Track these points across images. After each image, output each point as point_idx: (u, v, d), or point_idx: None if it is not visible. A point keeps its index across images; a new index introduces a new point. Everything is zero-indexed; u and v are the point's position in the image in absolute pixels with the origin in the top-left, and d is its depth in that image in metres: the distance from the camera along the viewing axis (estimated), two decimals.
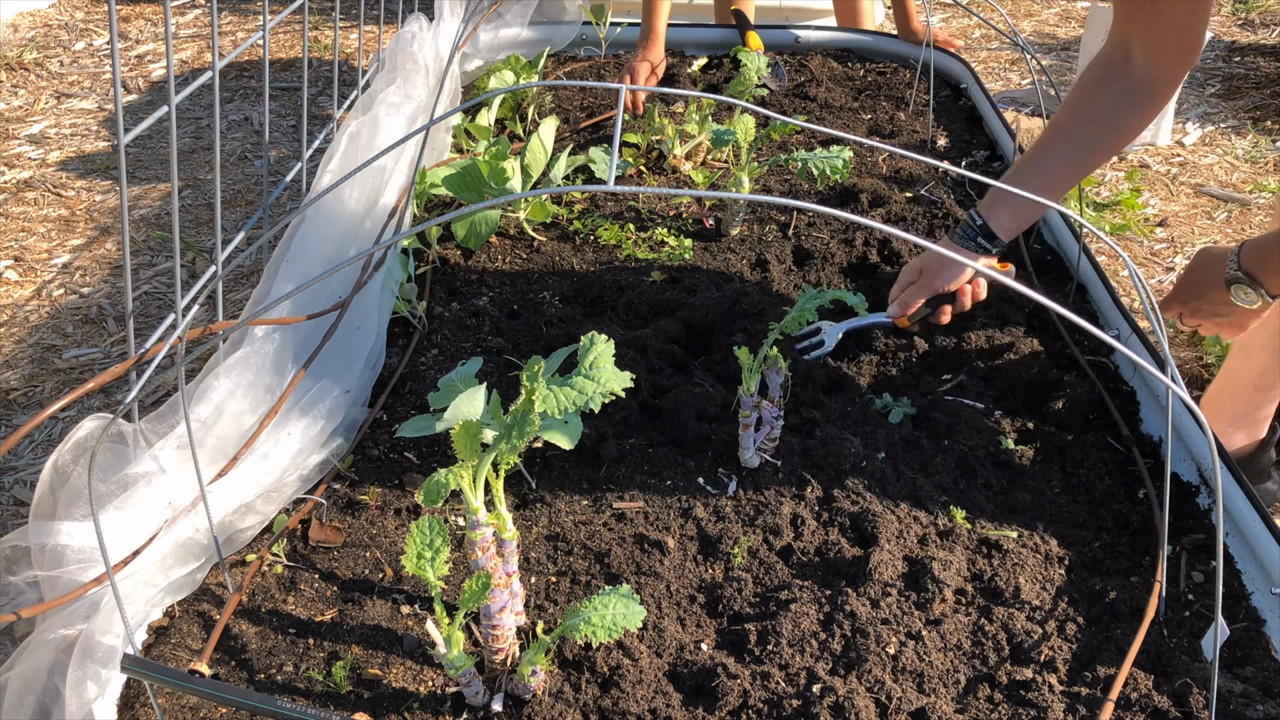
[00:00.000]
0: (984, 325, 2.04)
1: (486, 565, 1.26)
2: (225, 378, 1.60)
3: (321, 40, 4.75)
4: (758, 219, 2.42)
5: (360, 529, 1.61)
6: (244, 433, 1.60)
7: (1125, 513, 1.65)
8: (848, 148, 2.09)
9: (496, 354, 1.98)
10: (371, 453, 1.77)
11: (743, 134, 2.24)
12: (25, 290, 3.06)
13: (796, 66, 3.20)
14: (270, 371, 1.66)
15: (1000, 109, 2.88)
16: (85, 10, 5.05)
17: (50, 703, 1.26)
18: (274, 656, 1.40)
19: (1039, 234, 2.40)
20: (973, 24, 5.09)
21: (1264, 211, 3.58)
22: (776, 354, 1.64)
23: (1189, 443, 1.75)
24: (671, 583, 1.50)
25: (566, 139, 2.79)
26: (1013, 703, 1.34)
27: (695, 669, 1.37)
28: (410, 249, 2.23)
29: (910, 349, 1.99)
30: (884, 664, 1.37)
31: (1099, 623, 1.46)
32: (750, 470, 1.71)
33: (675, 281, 2.20)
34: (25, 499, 2.36)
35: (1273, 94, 4.39)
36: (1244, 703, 1.34)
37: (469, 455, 1.22)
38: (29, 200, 3.53)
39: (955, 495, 1.67)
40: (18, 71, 4.41)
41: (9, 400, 2.63)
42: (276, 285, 1.82)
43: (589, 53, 3.30)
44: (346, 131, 2.23)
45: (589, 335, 1.27)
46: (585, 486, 1.69)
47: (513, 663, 1.35)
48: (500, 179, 2.22)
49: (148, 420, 1.57)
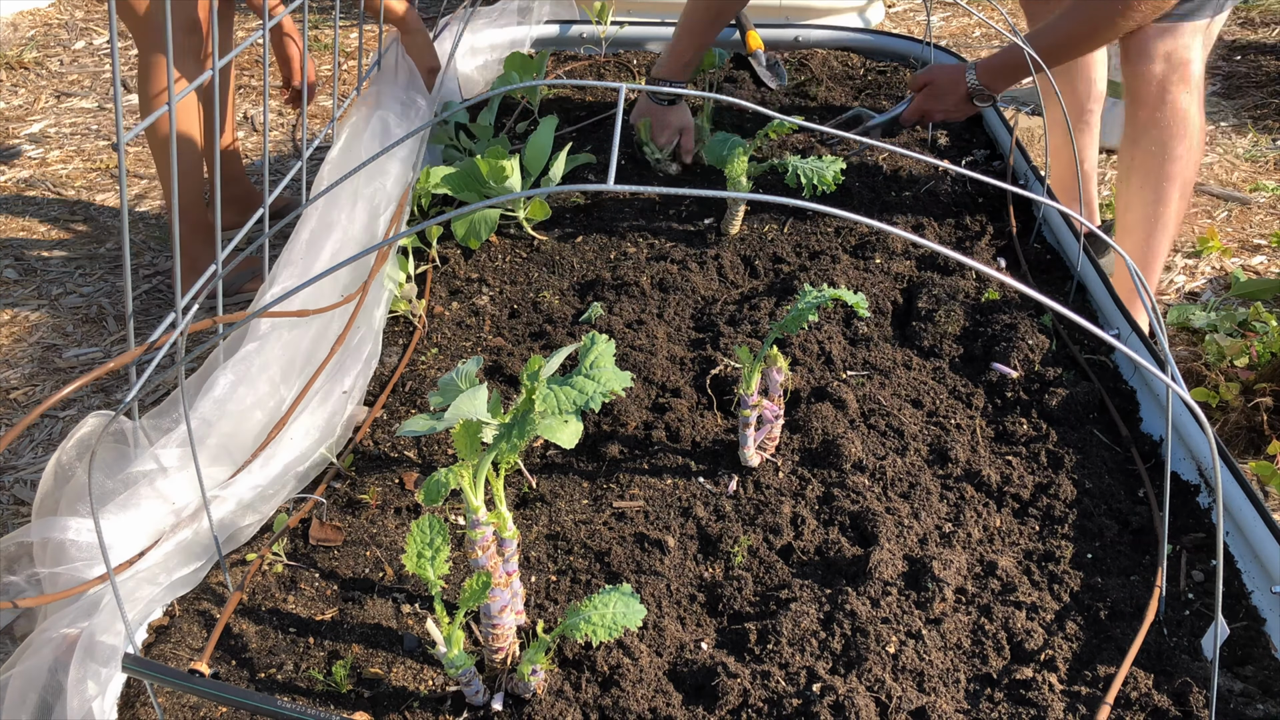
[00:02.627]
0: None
1: (487, 564, 1.26)
2: (229, 373, 1.60)
3: (322, 39, 4.75)
4: (758, 219, 2.42)
5: (360, 528, 1.61)
6: (248, 431, 1.60)
7: (1125, 512, 1.65)
8: (840, 159, 2.09)
9: (496, 353, 1.99)
10: (371, 452, 1.77)
11: (739, 168, 2.25)
12: (25, 290, 3.06)
13: (797, 65, 3.20)
14: (276, 367, 1.67)
15: (1000, 108, 2.88)
16: (85, 9, 5.05)
17: (52, 700, 1.26)
18: (274, 655, 1.41)
19: (1039, 233, 2.40)
20: (973, 23, 5.09)
21: (1264, 210, 3.58)
22: (776, 353, 1.64)
23: (1189, 442, 1.75)
24: (672, 582, 1.51)
25: (566, 138, 2.79)
26: (1013, 702, 1.34)
27: (695, 668, 1.37)
28: (410, 248, 2.23)
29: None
30: (884, 663, 1.37)
31: (1099, 622, 1.46)
32: (750, 469, 1.71)
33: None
34: (25, 498, 2.36)
35: (1273, 93, 4.38)
36: (1244, 702, 1.34)
37: (469, 454, 1.22)
38: (29, 199, 3.53)
39: (955, 495, 1.68)
40: (18, 71, 4.41)
41: (10, 400, 2.63)
42: (281, 281, 1.82)
43: (589, 51, 3.30)
44: (347, 128, 2.23)
45: (589, 335, 1.28)
46: (585, 485, 1.69)
47: (513, 662, 1.35)
48: (499, 178, 2.22)
49: (149, 417, 1.57)
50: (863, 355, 1.98)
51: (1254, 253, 3.37)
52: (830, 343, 1.98)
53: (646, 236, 2.37)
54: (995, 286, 2.16)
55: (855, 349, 2.00)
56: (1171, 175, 2.44)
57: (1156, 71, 2.35)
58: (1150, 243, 2.54)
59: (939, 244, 2.24)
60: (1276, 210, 3.61)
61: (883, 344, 2.01)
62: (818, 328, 2.01)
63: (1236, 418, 2.48)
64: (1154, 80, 2.37)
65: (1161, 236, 2.53)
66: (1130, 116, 2.48)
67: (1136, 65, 2.39)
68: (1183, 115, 2.38)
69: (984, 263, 2.26)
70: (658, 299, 2.13)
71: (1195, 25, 2.34)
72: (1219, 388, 2.52)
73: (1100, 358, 1.98)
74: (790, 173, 2.09)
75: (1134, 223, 2.54)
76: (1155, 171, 2.45)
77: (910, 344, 2.04)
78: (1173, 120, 2.38)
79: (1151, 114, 2.40)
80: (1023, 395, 1.88)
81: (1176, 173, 2.44)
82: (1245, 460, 2.45)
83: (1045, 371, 1.92)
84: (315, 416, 1.69)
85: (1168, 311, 2.95)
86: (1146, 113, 2.41)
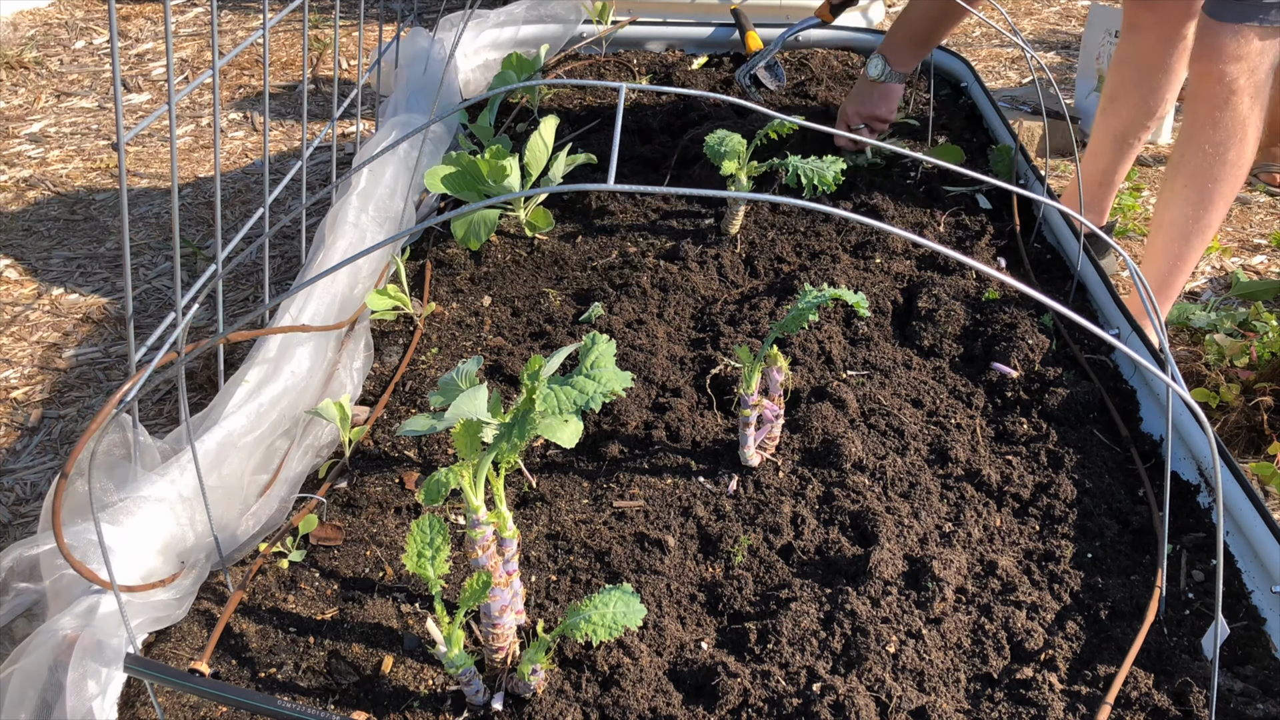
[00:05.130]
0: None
1: (487, 564, 1.26)
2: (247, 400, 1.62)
3: (322, 39, 4.75)
4: (758, 218, 2.41)
5: (361, 528, 1.61)
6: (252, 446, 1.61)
7: (1125, 511, 1.65)
8: (840, 159, 2.09)
9: (496, 353, 1.99)
10: (372, 451, 1.77)
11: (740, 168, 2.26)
12: (25, 289, 3.06)
13: (796, 65, 3.20)
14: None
15: (1000, 107, 2.88)
16: (85, 9, 5.05)
17: (52, 699, 1.26)
18: (275, 655, 1.41)
19: (1039, 232, 2.40)
20: (973, 22, 5.09)
21: (1264, 210, 3.58)
22: (776, 353, 1.64)
23: (1189, 441, 1.75)
24: (672, 581, 1.50)
25: (567, 138, 2.79)
26: (1013, 701, 1.34)
27: (695, 668, 1.37)
28: (410, 247, 2.23)
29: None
30: (884, 663, 1.37)
31: (1099, 621, 1.46)
32: (751, 469, 1.71)
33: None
34: (24, 498, 2.36)
35: None
36: (1244, 701, 1.34)
37: (469, 454, 1.22)
38: (29, 199, 3.53)
39: (955, 494, 1.68)
40: (18, 70, 4.41)
41: (10, 399, 2.63)
42: (299, 297, 1.85)
43: (590, 51, 3.30)
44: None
45: (590, 335, 1.28)
46: (585, 485, 1.69)
47: (513, 661, 1.35)
48: (499, 177, 2.22)
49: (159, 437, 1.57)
50: (863, 355, 1.98)
51: (1254, 252, 3.37)
52: (830, 342, 1.98)
53: (647, 236, 2.37)
54: (995, 286, 2.16)
55: (855, 348, 2.00)
56: (1220, 179, 2.38)
57: (1228, 72, 2.28)
58: (1185, 245, 2.48)
59: (939, 244, 2.24)
60: (1276, 210, 3.61)
61: (883, 343, 2.01)
62: (818, 327, 2.01)
63: (1236, 418, 2.47)
64: (1222, 81, 2.30)
65: (1197, 241, 2.48)
66: (1189, 114, 2.41)
67: (1207, 64, 2.31)
68: (1242, 120, 2.32)
69: (984, 262, 2.26)
70: (658, 298, 2.13)
71: (1272, 32, 2.25)
72: (1219, 388, 2.52)
73: (1100, 357, 1.98)
74: (791, 173, 2.09)
75: (1169, 221, 2.48)
76: (1204, 173, 2.39)
77: (910, 343, 2.04)
78: (1233, 124, 2.33)
79: (1213, 114, 2.33)
80: (1023, 395, 1.88)
81: (1225, 176, 2.38)
82: (1245, 460, 2.45)
83: (1045, 371, 1.92)
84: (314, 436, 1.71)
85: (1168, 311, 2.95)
86: (1209, 112, 2.34)
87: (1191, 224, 2.46)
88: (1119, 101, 2.80)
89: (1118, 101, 2.81)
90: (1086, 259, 2.19)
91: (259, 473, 1.62)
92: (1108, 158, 2.90)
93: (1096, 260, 2.18)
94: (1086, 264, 2.19)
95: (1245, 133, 2.35)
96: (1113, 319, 2.05)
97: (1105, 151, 2.90)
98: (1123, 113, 2.80)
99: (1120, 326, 2.01)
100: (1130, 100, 2.75)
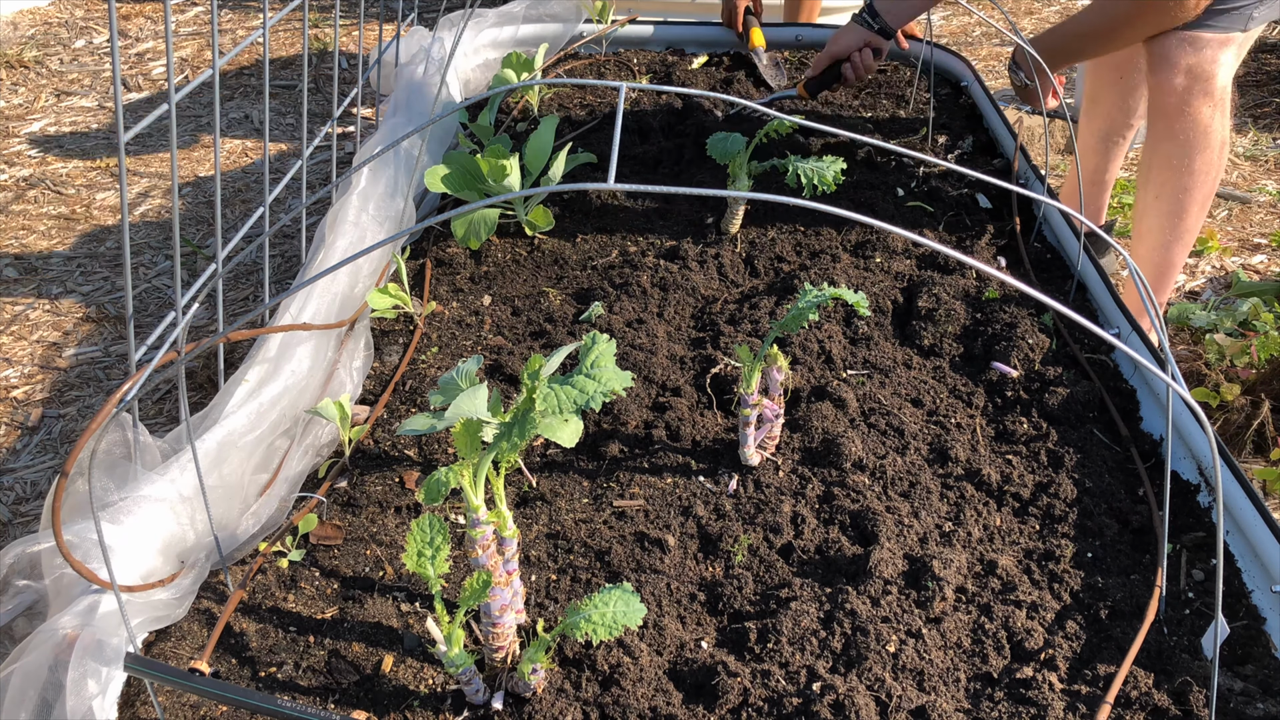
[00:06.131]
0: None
1: (487, 563, 1.26)
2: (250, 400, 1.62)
3: (322, 38, 4.75)
4: (758, 217, 2.41)
5: (361, 527, 1.61)
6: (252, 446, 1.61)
7: (1125, 511, 1.65)
8: (840, 159, 2.09)
9: (497, 352, 1.99)
10: (372, 451, 1.77)
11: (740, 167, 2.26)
12: (25, 289, 3.06)
13: (797, 64, 3.20)
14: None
15: (1001, 106, 2.88)
16: (85, 8, 5.05)
17: (52, 698, 1.26)
18: (275, 654, 1.41)
19: (1039, 232, 2.40)
20: (973, 21, 5.08)
21: (1264, 210, 3.58)
22: (776, 352, 1.64)
23: (1189, 441, 1.75)
24: (672, 581, 1.50)
25: (567, 137, 2.79)
26: (1013, 701, 1.34)
27: (696, 667, 1.37)
28: (411, 246, 2.23)
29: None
30: (884, 662, 1.37)
31: (1099, 621, 1.46)
32: (751, 468, 1.71)
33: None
34: (24, 497, 2.36)
35: (1274, 91, 4.38)
36: (1244, 701, 1.34)
37: (469, 453, 1.22)
38: (29, 199, 3.53)
39: (955, 494, 1.68)
40: (18, 69, 4.41)
41: (10, 399, 2.63)
42: (299, 296, 1.85)
43: (590, 50, 3.30)
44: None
45: (590, 334, 1.28)
46: (586, 484, 1.69)
47: (513, 661, 1.35)
48: (499, 176, 2.21)
49: (159, 436, 1.57)
50: (863, 354, 1.98)
51: (1254, 252, 3.37)
52: (830, 342, 1.98)
53: (647, 235, 2.37)
54: (995, 285, 2.16)
55: (855, 348, 2.00)
56: (1189, 188, 2.40)
57: (1178, 83, 2.30)
58: (1166, 254, 2.51)
59: (939, 243, 2.24)
60: (1277, 209, 3.61)
61: (883, 343, 2.01)
62: (818, 327, 2.01)
63: (1236, 417, 2.48)
64: (1175, 92, 2.32)
65: (1177, 248, 2.49)
66: (1151, 126, 2.44)
67: (1158, 75, 2.34)
68: (1204, 128, 2.33)
69: (984, 262, 2.26)
70: (658, 298, 2.13)
71: (1222, 38, 2.28)
72: (1219, 387, 2.52)
73: (1100, 357, 1.98)
74: (791, 172, 2.09)
75: (1147, 231, 2.52)
76: (1172, 183, 2.41)
77: (910, 343, 2.04)
78: (1193, 133, 2.33)
79: (1170, 125, 2.36)
80: (1023, 394, 1.88)
81: (1194, 185, 2.40)
82: (1246, 461, 2.45)
83: (1045, 370, 1.92)
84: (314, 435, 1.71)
85: (1168, 311, 2.95)
86: (1165, 124, 2.37)
87: (1169, 233, 2.48)
88: (1099, 103, 2.83)
89: (1098, 103, 2.84)
90: (1086, 258, 2.19)
91: (259, 472, 1.62)
92: (1096, 157, 2.92)
93: (1096, 259, 2.18)
94: (1086, 263, 2.19)
95: (1209, 140, 2.35)
96: (1113, 318, 2.05)
97: (1093, 151, 2.92)
98: (1104, 113, 2.83)
99: (1120, 326, 2.01)
100: (1109, 100, 2.77)
